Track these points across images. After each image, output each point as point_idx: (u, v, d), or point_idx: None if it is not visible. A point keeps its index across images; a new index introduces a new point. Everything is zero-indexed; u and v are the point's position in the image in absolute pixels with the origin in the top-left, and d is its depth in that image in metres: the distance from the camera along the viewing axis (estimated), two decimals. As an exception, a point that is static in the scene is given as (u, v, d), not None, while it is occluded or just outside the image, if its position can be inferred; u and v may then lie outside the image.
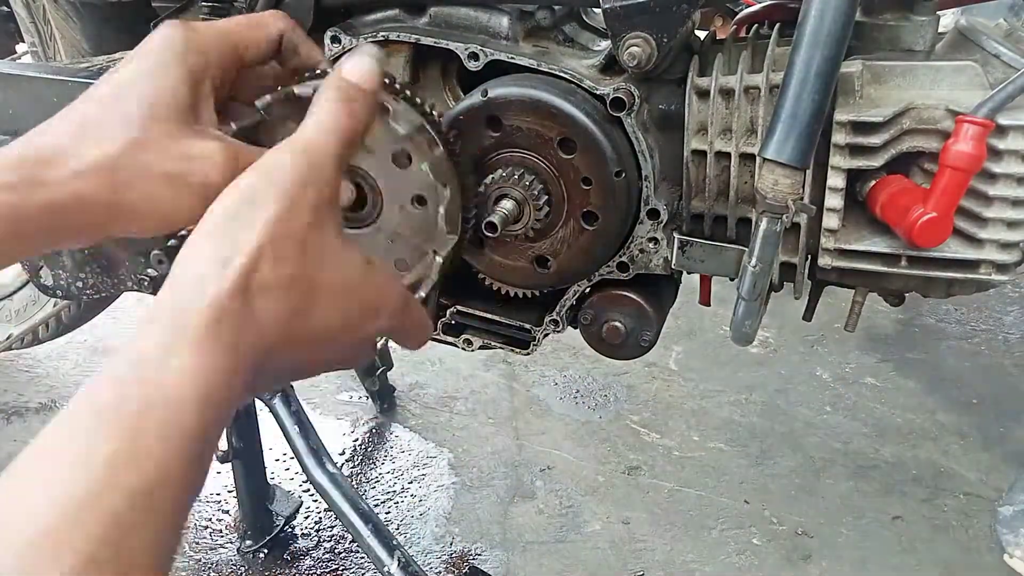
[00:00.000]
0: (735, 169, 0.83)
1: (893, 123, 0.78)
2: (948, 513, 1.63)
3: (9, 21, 1.49)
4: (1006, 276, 0.80)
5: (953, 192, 0.75)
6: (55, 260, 1.11)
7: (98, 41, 1.27)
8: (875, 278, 0.86)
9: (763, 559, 1.54)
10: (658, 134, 0.88)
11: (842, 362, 2.09)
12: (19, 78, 1.03)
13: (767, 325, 2.16)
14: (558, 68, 0.86)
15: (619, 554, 1.55)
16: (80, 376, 2.02)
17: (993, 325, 2.24)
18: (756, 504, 1.66)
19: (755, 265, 0.76)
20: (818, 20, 0.70)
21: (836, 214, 0.81)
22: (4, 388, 1.97)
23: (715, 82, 0.82)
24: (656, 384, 2.01)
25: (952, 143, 0.74)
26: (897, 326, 2.23)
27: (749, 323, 0.81)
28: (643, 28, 0.80)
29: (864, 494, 1.68)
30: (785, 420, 1.89)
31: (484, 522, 1.62)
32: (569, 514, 1.63)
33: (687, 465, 1.76)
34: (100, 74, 1.02)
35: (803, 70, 0.70)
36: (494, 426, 1.88)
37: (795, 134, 0.70)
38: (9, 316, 1.74)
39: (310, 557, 1.56)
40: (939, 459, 1.77)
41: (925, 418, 1.89)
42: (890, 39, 0.84)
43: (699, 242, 0.87)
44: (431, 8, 0.93)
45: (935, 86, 0.79)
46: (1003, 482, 1.68)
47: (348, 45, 0.92)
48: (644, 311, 0.92)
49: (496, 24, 0.91)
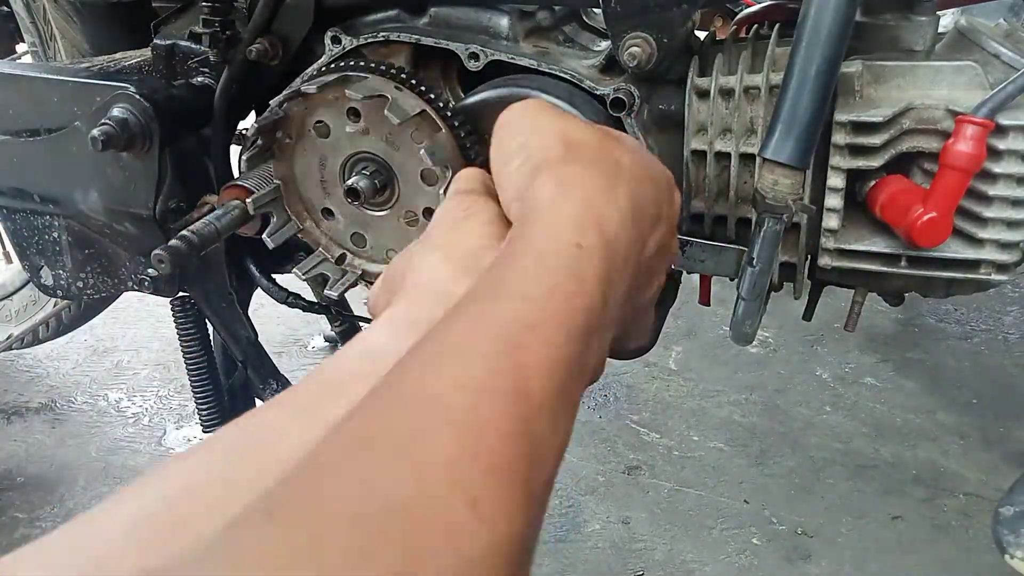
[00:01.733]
0: (735, 169, 0.83)
1: (893, 123, 0.78)
2: (948, 513, 1.63)
3: (9, 21, 1.49)
4: (1006, 276, 0.81)
5: (953, 192, 0.75)
6: (55, 260, 1.11)
7: (98, 41, 1.27)
8: (875, 278, 0.86)
9: (763, 559, 1.54)
10: (658, 134, 0.88)
11: (842, 362, 2.09)
12: (19, 78, 1.03)
13: (767, 325, 2.16)
14: (558, 68, 0.86)
15: (619, 554, 1.55)
16: (80, 376, 2.02)
17: (993, 325, 2.24)
18: (756, 504, 1.66)
19: (755, 265, 0.76)
20: (818, 20, 0.70)
21: (836, 214, 0.81)
22: (4, 388, 1.97)
23: (715, 82, 0.82)
24: (656, 384, 2.01)
25: (952, 143, 0.74)
26: (897, 326, 2.23)
27: (749, 323, 0.81)
28: (643, 28, 0.80)
29: (864, 494, 1.68)
30: (785, 420, 1.89)
31: (484, 522, 1.62)
32: (569, 514, 1.63)
33: (687, 465, 1.76)
34: (100, 74, 1.02)
35: (803, 70, 0.70)
36: (494, 426, 1.88)
37: (795, 134, 0.70)
38: (9, 316, 1.74)
39: (310, 557, 1.56)
40: (939, 459, 1.77)
41: (925, 418, 1.89)
42: (890, 39, 0.84)
43: (699, 242, 0.87)
44: (431, 8, 0.93)
45: (935, 86, 0.79)
46: (1003, 482, 1.67)
47: (348, 45, 0.92)
48: (644, 311, 0.92)
49: (496, 24, 0.91)
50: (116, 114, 0.94)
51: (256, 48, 0.94)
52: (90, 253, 1.10)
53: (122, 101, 0.95)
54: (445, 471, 0.31)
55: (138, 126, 0.95)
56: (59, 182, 1.04)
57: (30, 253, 1.12)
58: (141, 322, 2.21)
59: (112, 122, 0.93)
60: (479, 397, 0.34)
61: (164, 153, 0.98)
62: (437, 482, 0.30)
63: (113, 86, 0.96)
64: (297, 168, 0.93)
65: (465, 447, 0.32)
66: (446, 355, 0.37)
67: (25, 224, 1.10)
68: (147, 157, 0.98)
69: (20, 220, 1.10)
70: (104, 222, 1.04)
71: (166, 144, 0.98)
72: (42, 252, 1.11)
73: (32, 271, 1.14)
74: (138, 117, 0.95)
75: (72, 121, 1.00)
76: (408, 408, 0.34)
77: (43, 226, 1.10)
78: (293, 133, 0.91)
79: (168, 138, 0.97)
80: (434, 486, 0.30)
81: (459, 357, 0.36)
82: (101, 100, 0.96)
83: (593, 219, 0.44)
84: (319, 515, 0.28)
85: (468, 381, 0.35)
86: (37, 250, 1.12)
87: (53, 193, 1.06)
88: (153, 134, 0.96)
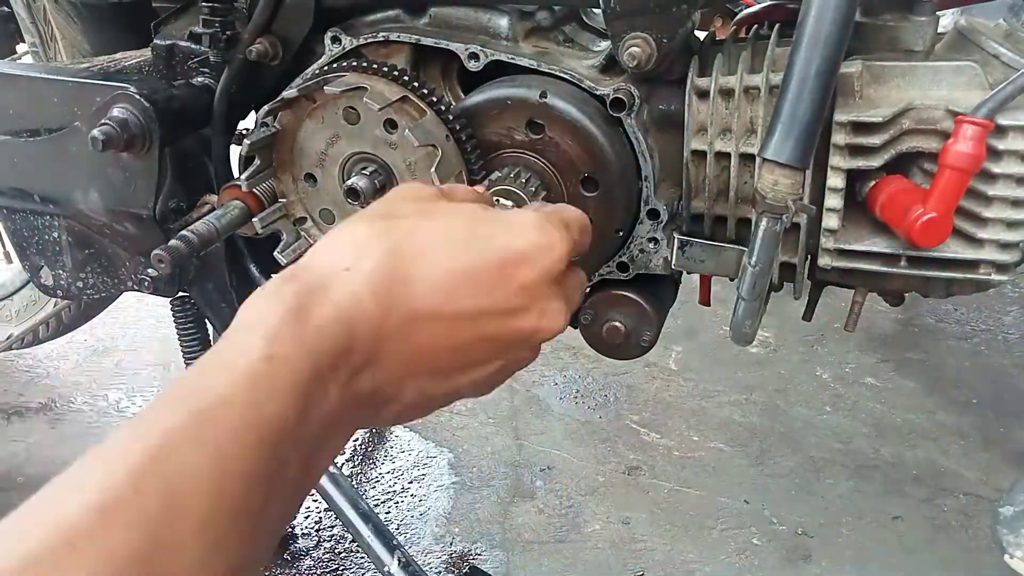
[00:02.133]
0: (735, 169, 0.83)
1: (893, 123, 0.78)
2: (948, 513, 1.63)
3: (9, 21, 1.48)
4: (1006, 276, 0.80)
5: (953, 192, 0.75)
6: (55, 260, 1.11)
7: (98, 41, 1.27)
8: (875, 278, 0.86)
9: (763, 559, 1.54)
10: (658, 134, 0.88)
11: (842, 362, 2.09)
12: (19, 78, 1.03)
13: (767, 325, 2.16)
14: (558, 68, 0.86)
15: (619, 554, 1.55)
16: (80, 376, 2.02)
17: (993, 325, 2.24)
18: (756, 504, 1.66)
19: (755, 265, 0.76)
20: (818, 20, 0.70)
21: (836, 214, 0.81)
22: (4, 388, 1.97)
23: (715, 82, 0.82)
24: (656, 384, 2.01)
25: (952, 143, 0.74)
26: (897, 326, 2.23)
27: (749, 323, 0.81)
28: (643, 29, 0.80)
29: (864, 494, 1.68)
30: (785, 420, 1.89)
31: (484, 522, 1.62)
32: (569, 514, 1.63)
33: (687, 465, 1.76)
34: (100, 74, 1.02)
35: (803, 70, 0.70)
36: (494, 426, 1.88)
37: (795, 134, 0.70)
38: (9, 316, 1.74)
39: (310, 557, 1.56)
40: (939, 459, 1.77)
41: (925, 418, 1.89)
42: (890, 39, 0.84)
43: (699, 242, 0.87)
44: (431, 8, 0.93)
45: (935, 86, 0.79)
46: (1003, 482, 1.68)
47: (348, 45, 0.92)
48: (644, 311, 0.92)
49: (496, 24, 0.91)
50: (116, 114, 0.94)
51: (256, 48, 0.94)
52: (90, 253, 1.10)
53: (122, 101, 0.95)
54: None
55: (138, 126, 0.95)
56: (59, 182, 1.04)
57: (30, 253, 1.12)
58: (141, 322, 2.21)
59: (112, 122, 0.93)
60: (105, 519, 0.32)
61: (164, 153, 0.98)
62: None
63: (113, 86, 0.96)
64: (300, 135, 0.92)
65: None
66: (96, 464, 0.34)
67: (25, 224, 1.10)
68: (147, 157, 0.98)
69: (20, 220, 1.10)
70: (104, 222, 1.04)
71: (166, 144, 0.98)
72: (42, 252, 1.11)
73: (32, 271, 1.14)
74: (138, 117, 0.95)
75: (72, 121, 1.00)
76: (33, 532, 0.31)
77: (43, 226, 1.10)
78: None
79: (168, 138, 0.97)
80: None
81: (107, 467, 0.34)
82: (101, 100, 0.96)
83: (289, 331, 0.41)
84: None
85: (102, 501, 0.32)
86: (37, 250, 1.12)
87: (53, 193, 1.06)
88: (153, 134, 0.96)
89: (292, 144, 0.91)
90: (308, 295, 0.44)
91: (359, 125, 0.86)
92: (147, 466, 0.33)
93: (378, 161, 0.87)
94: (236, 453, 0.36)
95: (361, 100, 0.82)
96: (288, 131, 0.90)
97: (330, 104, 0.87)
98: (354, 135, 0.87)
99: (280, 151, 0.92)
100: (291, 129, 0.90)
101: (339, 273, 0.46)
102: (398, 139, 0.84)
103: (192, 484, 0.34)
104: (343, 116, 0.86)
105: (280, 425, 0.38)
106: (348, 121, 0.86)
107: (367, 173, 0.87)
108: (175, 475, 0.34)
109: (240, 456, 0.36)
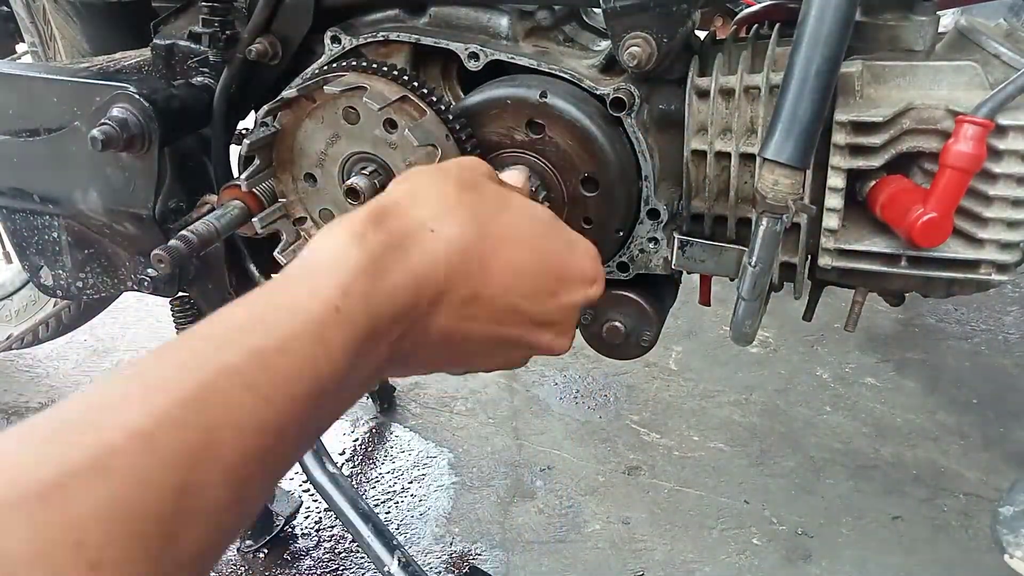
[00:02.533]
0: (735, 169, 0.83)
1: (893, 123, 0.77)
2: (948, 513, 1.63)
3: (9, 21, 1.49)
4: (1006, 276, 0.80)
5: (953, 192, 0.74)
6: (55, 260, 1.11)
7: (98, 41, 1.27)
8: (875, 278, 0.86)
9: (763, 559, 1.54)
10: (658, 134, 0.88)
11: (842, 362, 2.09)
12: (19, 78, 1.03)
13: (767, 325, 2.16)
14: (558, 68, 0.86)
15: (619, 554, 1.55)
16: (80, 376, 2.02)
17: (993, 325, 2.24)
18: (756, 504, 1.66)
19: (755, 265, 0.76)
20: (818, 20, 0.70)
21: (836, 214, 0.81)
22: (4, 388, 1.97)
23: (715, 82, 0.82)
24: (656, 384, 2.01)
25: (952, 143, 0.74)
26: (897, 326, 2.23)
27: (749, 323, 0.81)
28: (643, 28, 0.80)
29: (864, 494, 1.68)
30: (785, 420, 1.89)
31: (484, 522, 1.62)
32: (569, 514, 1.63)
33: (687, 465, 1.76)
34: (100, 74, 1.02)
35: (803, 70, 0.70)
36: (494, 426, 1.88)
37: (795, 134, 0.70)
38: (9, 316, 1.74)
39: (310, 557, 1.56)
40: (939, 459, 1.77)
41: (925, 418, 1.89)
42: (890, 39, 0.84)
43: (699, 242, 0.87)
44: (431, 8, 0.93)
45: (935, 86, 0.79)
46: (1003, 482, 1.67)
47: (348, 45, 0.92)
48: (644, 311, 0.92)
49: (496, 24, 0.91)
50: (116, 114, 0.94)
51: (256, 48, 0.94)
52: (90, 253, 1.10)
53: (122, 101, 0.95)
54: (71, 531, 0.28)
55: (138, 126, 0.95)
56: (59, 182, 1.04)
57: (30, 253, 1.12)
58: (141, 322, 2.21)
59: (112, 122, 0.93)
60: (146, 446, 0.31)
61: (164, 153, 0.98)
62: (59, 543, 0.28)
63: (113, 86, 0.96)
64: (300, 134, 0.92)
65: (115, 499, 0.29)
66: (145, 389, 0.34)
67: (25, 224, 1.10)
68: (147, 157, 0.98)
69: (20, 220, 1.10)
70: (104, 222, 1.04)
71: (166, 144, 0.98)
72: (42, 252, 1.11)
73: (32, 271, 1.14)
74: (138, 117, 0.95)
75: (72, 121, 1.00)
76: (72, 443, 0.31)
77: (43, 226, 1.10)
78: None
79: (168, 138, 0.97)
80: (54, 547, 0.28)
81: (156, 395, 0.33)
82: (101, 100, 0.96)
83: (361, 287, 0.41)
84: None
85: (144, 427, 0.32)
86: (37, 250, 1.12)
87: (53, 193, 1.06)
88: (153, 134, 0.96)
89: (292, 144, 0.91)
90: (390, 252, 0.44)
91: (359, 125, 0.86)
92: (195, 402, 0.33)
93: (378, 161, 0.87)
94: (281, 405, 0.36)
95: (361, 100, 0.82)
96: (288, 131, 0.90)
97: (330, 104, 0.86)
98: (354, 135, 0.87)
99: (280, 151, 0.92)
100: (291, 129, 0.90)
101: (423, 231, 0.46)
102: (398, 139, 0.84)
103: (233, 430, 0.34)
104: (343, 116, 0.86)
105: (329, 380, 0.39)
106: (348, 121, 0.86)
107: (367, 173, 0.87)
108: (220, 415, 0.34)
109: (284, 409, 0.36)
